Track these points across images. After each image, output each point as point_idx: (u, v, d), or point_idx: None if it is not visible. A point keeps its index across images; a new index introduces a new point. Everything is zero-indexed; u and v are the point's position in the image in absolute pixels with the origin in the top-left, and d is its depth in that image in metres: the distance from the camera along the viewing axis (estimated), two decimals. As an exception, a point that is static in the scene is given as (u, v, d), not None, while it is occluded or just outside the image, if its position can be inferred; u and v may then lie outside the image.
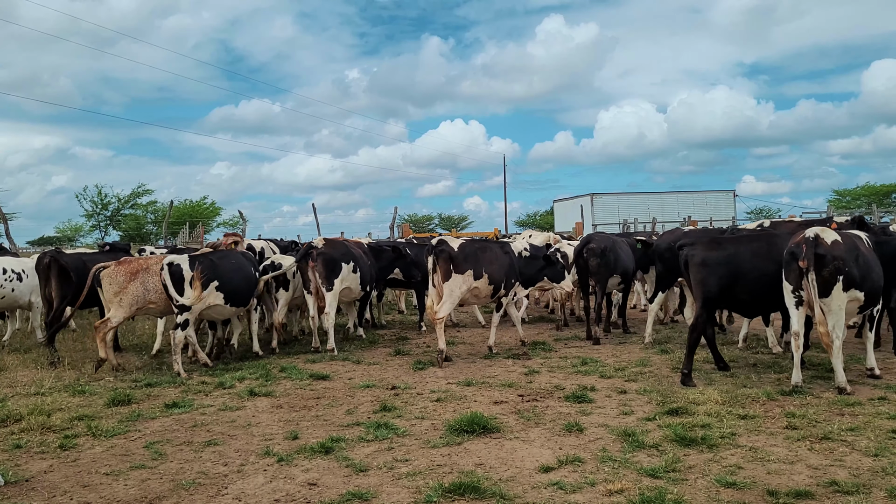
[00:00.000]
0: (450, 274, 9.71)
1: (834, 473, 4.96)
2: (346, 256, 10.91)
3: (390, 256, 12.53)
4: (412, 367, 9.25)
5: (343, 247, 11.24)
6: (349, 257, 10.96)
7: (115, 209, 59.39)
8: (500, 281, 10.09)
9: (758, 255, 7.93)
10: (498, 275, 10.04)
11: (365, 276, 11.26)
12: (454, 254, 9.74)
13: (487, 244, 10.62)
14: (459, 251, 9.78)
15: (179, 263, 9.21)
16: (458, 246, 9.88)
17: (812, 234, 7.14)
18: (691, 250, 8.17)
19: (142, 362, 9.91)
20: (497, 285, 10.09)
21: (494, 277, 10.00)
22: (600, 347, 10.47)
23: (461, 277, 9.71)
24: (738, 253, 8.02)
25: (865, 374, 7.87)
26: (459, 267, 9.73)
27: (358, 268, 11.08)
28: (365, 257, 11.57)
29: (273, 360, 9.90)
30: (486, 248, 10.28)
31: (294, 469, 5.43)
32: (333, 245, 11.08)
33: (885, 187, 59.91)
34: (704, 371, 8.40)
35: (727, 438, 5.78)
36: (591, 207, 44.80)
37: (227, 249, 11.14)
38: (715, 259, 8.00)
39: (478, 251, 10.01)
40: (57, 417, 6.91)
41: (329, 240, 11.43)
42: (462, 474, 5.14)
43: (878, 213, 28.12)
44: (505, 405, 7.16)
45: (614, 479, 4.95)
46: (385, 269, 12.55)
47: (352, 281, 10.98)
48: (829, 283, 6.99)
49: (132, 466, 5.57)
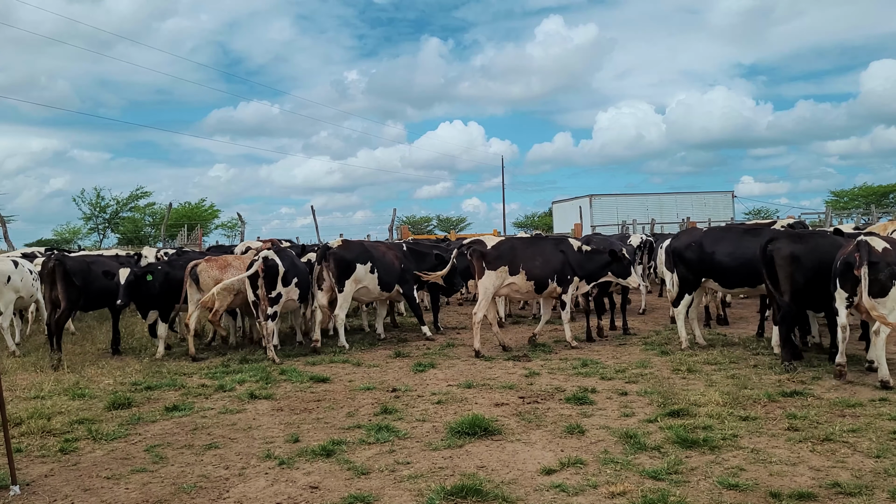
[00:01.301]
0: (483, 271, 10.08)
1: (836, 475, 4.95)
2: (361, 257, 11.11)
3: (433, 260, 12.56)
4: (412, 369, 9.24)
5: (359, 248, 11.43)
6: (365, 258, 11.11)
7: (114, 212, 59.29)
8: (545, 276, 10.29)
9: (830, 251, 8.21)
10: (541, 270, 10.25)
11: (385, 277, 11.38)
12: (486, 251, 10.13)
13: (533, 240, 11.03)
14: (492, 249, 10.17)
15: (275, 259, 10.14)
16: (491, 244, 10.30)
17: (864, 242, 7.50)
18: (778, 244, 8.45)
19: (141, 365, 9.88)
20: (540, 281, 10.27)
21: (535, 273, 10.22)
22: (601, 349, 10.47)
23: (494, 274, 10.05)
24: (818, 247, 8.40)
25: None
26: (492, 264, 10.07)
27: (376, 268, 11.21)
28: (392, 258, 11.69)
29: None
30: (528, 244, 10.63)
31: (295, 472, 5.42)
32: (348, 246, 11.37)
33: (882, 188, 59.98)
34: (705, 372, 8.39)
35: (729, 440, 5.77)
36: (590, 209, 44.81)
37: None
38: (801, 252, 8.36)
39: (516, 248, 10.33)
40: (57, 421, 6.90)
41: (347, 241, 11.80)
42: (464, 477, 5.13)
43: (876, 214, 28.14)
44: (506, 407, 7.15)
45: (616, 482, 4.94)
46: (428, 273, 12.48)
47: (369, 281, 11.20)
48: (885, 286, 7.33)
49: (133, 470, 5.56)
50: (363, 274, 11.09)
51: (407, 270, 11.93)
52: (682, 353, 9.57)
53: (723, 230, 11.25)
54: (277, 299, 10.19)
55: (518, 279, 10.20)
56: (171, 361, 10.24)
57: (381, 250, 11.84)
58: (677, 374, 8.35)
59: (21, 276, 11.45)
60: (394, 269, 11.66)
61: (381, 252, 11.70)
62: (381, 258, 11.49)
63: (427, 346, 11.23)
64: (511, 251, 10.27)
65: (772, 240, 8.63)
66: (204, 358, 10.41)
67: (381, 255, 11.54)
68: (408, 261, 12.12)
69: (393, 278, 11.62)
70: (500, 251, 10.20)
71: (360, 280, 11.09)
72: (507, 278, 10.16)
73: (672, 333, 11.51)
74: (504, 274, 10.11)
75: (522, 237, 11.47)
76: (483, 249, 10.18)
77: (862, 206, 52.49)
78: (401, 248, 12.51)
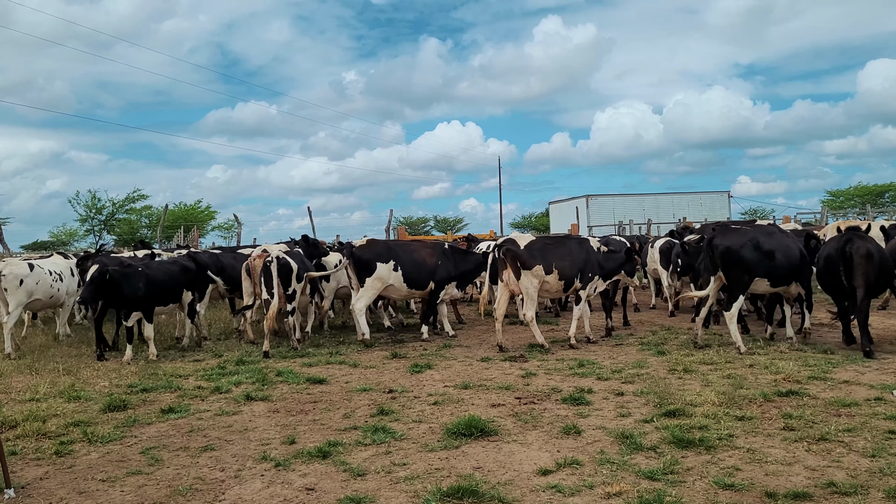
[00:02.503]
0: (518, 272, 10.35)
1: (832, 474, 4.96)
2: (383, 256, 11.42)
3: (477, 260, 12.64)
4: (409, 370, 9.23)
5: (381, 246, 11.71)
6: (388, 257, 11.44)
7: (110, 214, 59.20)
8: (573, 275, 10.67)
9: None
10: (570, 270, 10.61)
11: (413, 275, 11.63)
12: (520, 252, 10.40)
13: (560, 240, 11.38)
14: (526, 249, 10.46)
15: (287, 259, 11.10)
16: (525, 244, 10.57)
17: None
18: (856, 244, 9.25)
19: (137, 367, 9.86)
20: (569, 280, 10.66)
21: (565, 272, 10.58)
22: (597, 349, 10.47)
23: (531, 273, 10.36)
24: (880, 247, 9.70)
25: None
26: (527, 264, 10.36)
27: (400, 266, 11.45)
28: (425, 256, 11.86)
29: (269, 363, 9.87)
30: (557, 243, 10.97)
31: (291, 474, 5.41)
32: (371, 245, 11.70)
33: (877, 187, 60.14)
34: (701, 372, 8.40)
35: (725, 440, 5.78)
36: (587, 209, 44.81)
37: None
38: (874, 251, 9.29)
39: (546, 247, 10.65)
40: (52, 423, 6.88)
41: (371, 240, 12.10)
42: (460, 478, 5.13)
43: (871, 214, 28.16)
44: (502, 408, 7.15)
45: (612, 482, 4.95)
46: (473, 272, 12.67)
47: (394, 279, 11.49)
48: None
49: (128, 472, 5.55)
50: (386, 272, 11.39)
51: (442, 269, 12.00)
52: (678, 354, 9.58)
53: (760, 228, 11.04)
54: (293, 296, 11.07)
55: (551, 278, 10.54)
56: (168, 363, 10.23)
57: (410, 249, 12.01)
58: (673, 375, 8.36)
59: (37, 279, 11.45)
60: (425, 268, 11.80)
61: (408, 250, 11.88)
62: (408, 256, 11.68)
63: (424, 346, 11.23)
64: (543, 251, 10.58)
65: (850, 240, 9.36)
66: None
67: (407, 254, 11.73)
68: (445, 260, 12.16)
69: (425, 276, 11.79)
70: (532, 251, 10.50)
71: (384, 278, 11.40)
72: (543, 277, 10.47)
73: (668, 335, 11.53)
74: (539, 273, 10.42)
75: (549, 237, 11.68)
76: (517, 250, 10.46)
77: (858, 206, 52.55)
78: (440, 247, 12.59)
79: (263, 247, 12.92)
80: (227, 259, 13.55)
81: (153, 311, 10.81)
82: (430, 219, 76.39)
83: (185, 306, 11.65)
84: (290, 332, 11.38)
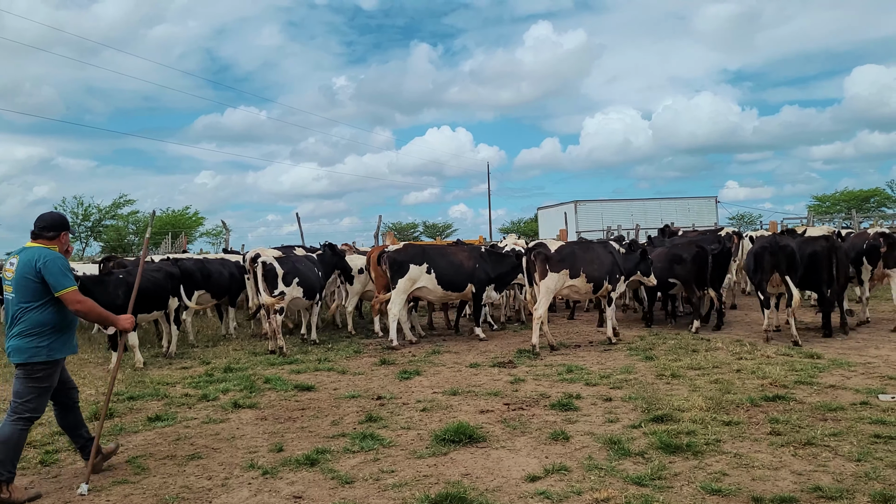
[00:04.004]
0: (546, 273, 10.87)
1: (818, 479, 4.99)
2: (417, 258, 11.99)
3: (513, 262, 12.95)
4: (398, 376, 9.22)
5: (416, 250, 12.36)
6: (422, 259, 12.00)
7: (96, 220, 58.81)
8: (601, 278, 11.31)
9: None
10: (598, 273, 11.25)
11: (447, 277, 12.11)
12: (550, 255, 11.01)
13: (589, 244, 12.08)
14: (556, 253, 11.10)
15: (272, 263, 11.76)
16: (554, 248, 11.24)
17: None
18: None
19: (124, 375, 9.79)
20: (598, 282, 11.31)
21: (594, 275, 11.23)
22: (585, 354, 10.50)
23: (556, 276, 10.91)
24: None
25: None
26: (555, 266, 10.93)
27: (434, 269, 11.87)
28: (461, 259, 12.34)
29: (257, 370, 9.83)
30: (586, 248, 11.69)
31: (279, 482, 5.38)
32: (405, 249, 12.41)
33: (863, 192, 60.64)
34: (688, 378, 8.43)
35: (712, 445, 5.80)
36: (575, 214, 44.89)
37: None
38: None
39: (576, 251, 11.32)
40: (37, 432, 6.82)
41: (407, 244, 13.05)
42: (448, 485, 5.12)
43: (857, 219, 28.37)
44: (491, 414, 7.15)
45: (600, 488, 4.95)
46: (510, 275, 12.98)
47: (427, 281, 11.99)
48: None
49: (114, 482, 5.50)
50: (418, 273, 11.89)
51: (481, 271, 12.42)
52: (666, 359, 9.63)
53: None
54: (281, 296, 11.50)
55: (578, 282, 11.17)
56: (155, 371, 10.17)
57: (445, 252, 12.55)
58: (661, 380, 8.39)
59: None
60: (462, 270, 12.24)
61: (443, 254, 12.41)
62: (443, 260, 12.14)
63: (413, 353, 11.22)
64: (572, 255, 11.17)
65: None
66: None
67: (442, 257, 12.20)
68: (483, 262, 12.58)
69: (462, 279, 12.23)
70: (562, 255, 11.10)
71: (416, 279, 11.88)
72: (568, 280, 11.06)
73: (656, 339, 11.56)
74: (565, 277, 11.01)
75: (578, 242, 12.24)
76: (548, 253, 11.05)
77: (844, 211, 52.94)
78: (477, 251, 13.07)
79: (257, 250, 12.94)
80: (214, 266, 13.52)
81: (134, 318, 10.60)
82: (418, 224, 76.36)
83: (172, 313, 11.59)
84: (276, 330, 11.56)
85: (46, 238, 5.46)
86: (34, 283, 5.27)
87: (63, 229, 5.54)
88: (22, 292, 5.31)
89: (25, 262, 5.31)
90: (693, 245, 12.90)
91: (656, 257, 12.61)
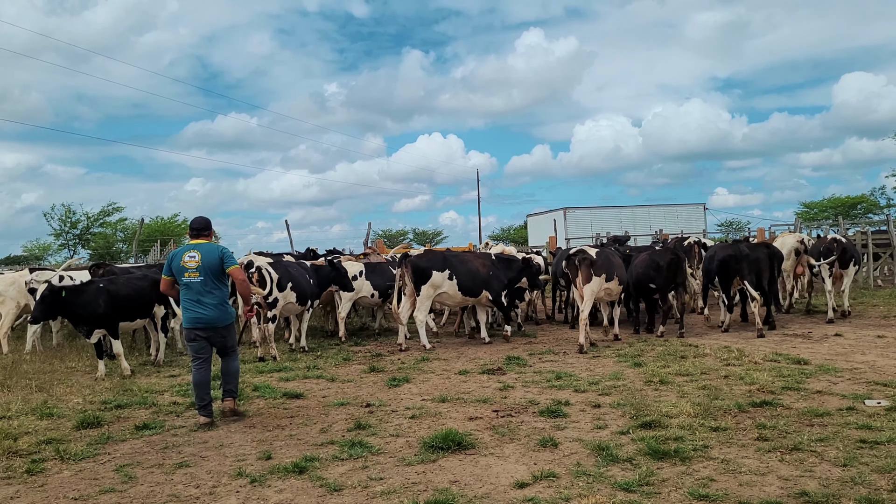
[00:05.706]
0: (590, 277, 11.62)
1: (804, 484, 5.02)
2: (439, 265, 12.42)
3: (519, 266, 13.42)
4: (387, 383, 9.21)
5: (438, 256, 12.82)
6: (444, 266, 12.44)
7: (85, 227, 58.50)
8: (625, 280, 12.53)
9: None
10: (623, 276, 12.36)
11: (467, 283, 12.54)
12: (594, 260, 11.77)
13: (614, 252, 13.10)
14: (598, 257, 11.85)
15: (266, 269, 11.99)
16: (595, 253, 11.95)
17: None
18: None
19: (111, 383, 9.74)
20: (624, 285, 12.49)
21: (623, 279, 12.34)
22: (574, 361, 10.52)
23: (599, 280, 11.70)
24: None
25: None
26: (598, 271, 11.70)
27: (455, 275, 12.42)
28: (478, 266, 12.78)
29: (246, 378, 9.79)
30: (612, 253, 12.68)
31: (267, 490, 5.36)
32: (427, 255, 12.94)
33: (850, 199, 61.08)
34: (677, 384, 8.47)
35: (700, 451, 5.82)
36: (564, 221, 44.96)
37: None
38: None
39: (609, 257, 12.15)
40: (24, 441, 6.77)
41: (428, 250, 13.67)
42: (437, 492, 5.12)
43: (844, 225, 28.54)
44: (480, 421, 7.15)
45: (589, 494, 4.96)
46: (515, 280, 13.37)
47: (449, 287, 12.41)
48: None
49: (101, 490, 5.47)
50: (440, 279, 12.29)
51: (495, 277, 12.84)
52: (655, 365, 9.67)
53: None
54: (274, 303, 11.68)
55: (612, 285, 12.02)
56: (143, 378, 10.11)
57: (464, 259, 12.99)
58: (650, 386, 8.41)
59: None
60: (479, 276, 12.66)
61: (462, 260, 12.85)
62: (463, 266, 12.60)
63: (402, 360, 11.21)
64: (607, 261, 11.96)
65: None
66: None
67: (462, 263, 12.67)
68: (496, 268, 13.01)
69: (478, 284, 12.65)
70: (602, 260, 11.86)
71: (438, 285, 12.27)
72: (604, 284, 11.81)
73: (645, 346, 11.61)
74: (602, 280, 11.73)
75: (607, 250, 12.99)
76: (591, 258, 11.80)
77: (831, 217, 53.32)
78: (489, 257, 13.43)
79: (250, 256, 13.03)
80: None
81: (117, 327, 10.53)
82: (408, 231, 76.30)
83: (159, 321, 11.55)
84: (267, 337, 11.76)
85: (205, 236, 7.53)
86: (219, 267, 7.33)
87: (211, 228, 7.64)
88: (214, 274, 7.30)
89: (208, 251, 7.32)
90: (668, 252, 13.46)
91: (639, 263, 13.25)
